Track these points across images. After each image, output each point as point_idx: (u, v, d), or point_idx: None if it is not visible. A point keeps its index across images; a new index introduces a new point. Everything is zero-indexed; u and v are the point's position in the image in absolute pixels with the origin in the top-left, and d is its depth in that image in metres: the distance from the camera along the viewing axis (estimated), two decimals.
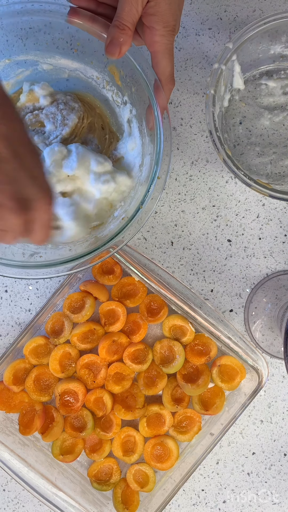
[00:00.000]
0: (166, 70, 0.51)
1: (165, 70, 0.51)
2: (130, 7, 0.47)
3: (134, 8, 0.47)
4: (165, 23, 0.48)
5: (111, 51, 0.48)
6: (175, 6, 0.49)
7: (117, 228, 0.51)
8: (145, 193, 0.50)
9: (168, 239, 0.66)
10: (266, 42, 0.59)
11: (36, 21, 0.53)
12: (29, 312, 0.66)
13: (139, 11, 0.47)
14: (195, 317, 0.61)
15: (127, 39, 0.48)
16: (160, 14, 0.48)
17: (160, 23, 0.48)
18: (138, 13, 0.47)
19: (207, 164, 0.66)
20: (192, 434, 0.63)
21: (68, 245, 0.55)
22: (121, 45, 0.48)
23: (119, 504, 0.62)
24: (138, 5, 0.47)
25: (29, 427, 0.62)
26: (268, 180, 0.63)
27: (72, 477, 0.64)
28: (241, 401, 0.61)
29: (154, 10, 0.48)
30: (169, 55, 0.50)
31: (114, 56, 0.48)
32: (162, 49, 0.50)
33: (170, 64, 0.51)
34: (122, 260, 0.62)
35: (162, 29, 0.49)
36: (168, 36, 0.49)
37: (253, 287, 0.65)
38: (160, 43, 0.49)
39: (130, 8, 0.47)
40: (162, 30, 0.49)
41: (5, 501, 0.66)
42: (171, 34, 0.49)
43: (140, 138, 0.56)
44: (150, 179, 0.50)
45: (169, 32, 0.49)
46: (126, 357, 0.62)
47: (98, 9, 0.51)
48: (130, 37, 0.48)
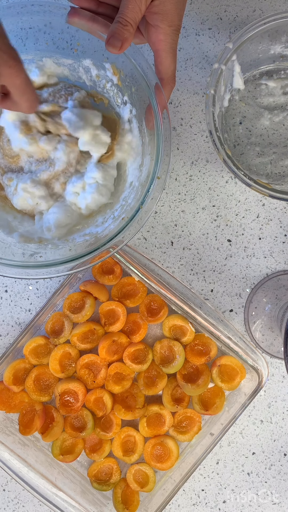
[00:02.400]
0: (169, 69, 0.51)
1: (168, 69, 0.51)
2: (134, 5, 0.46)
3: (138, 6, 0.47)
4: (170, 22, 0.48)
5: (113, 44, 0.47)
6: (180, 5, 0.49)
7: (117, 228, 0.51)
8: (145, 193, 0.50)
9: (168, 239, 0.66)
10: (266, 42, 0.59)
11: (36, 21, 0.53)
12: (29, 312, 0.66)
13: (143, 10, 0.47)
14: (195, 317, 0.61)
15: (129, 35, 0.47)
16: (166, 13, 0.48)
17: (165, 21, 0.48)
18: (141, 11, 0.47)
19: (207, 164, 0.66)
20: (192, 434, 0.63)
21: (68, 246, 0.55)
22: (123, 40, 0.47)
23: (119, 504, 0.62)
24: (141, 4, 0.47)
25: (29, 427, 0.62)
26: (268, 180, 0.63)
27: (72, 477, 0.64)
28: (241, 401, 0.61)
29: (159, 8, 0.48)
30: (173, 54, 0.50)
31: (115, 50, 0.47)
32: (167, 47, 0.50)
33: (173, 63, 0.51)
34: (122, 260, 0.62)
35: (167, 27, 0.49)
36: (173, 35, 0.49)
37: (253, 287, 0.65)
38: (164, 41, 0.49)
39: (134, 6, 0.46)
40: (167, 29, 0.49)
41: (5, 501, 0.66)
42: (175, 33, 0.49)
43: (140, 138, 0.56)
44: (150, 179, 0.50)
45: (174, 31, 0.49)
46: (126, 357, 0.62)
47: (99, 9, 0.51)
48: (132, 34, 0.48)
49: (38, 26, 0.54)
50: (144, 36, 0.53)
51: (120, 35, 0.47)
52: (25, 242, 0.56)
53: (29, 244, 0.56)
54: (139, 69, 0.51)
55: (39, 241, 0.56)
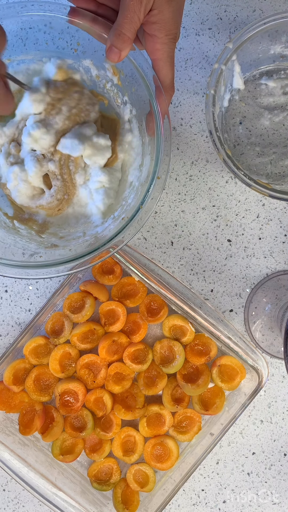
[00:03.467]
0: (167, 78, 0.51)
1: (166, 78, 0.51)
2: (132, 15, 0.46)
3: (136, 15, 0.46)
4: (167, 31, 0.48)
5: (110, 58, 0.49)
6: (177, 14, 0.49)
7: (117, 228, 0.51)
8: (145, 193, 0.50)
9: (168, 239, 0.66)
10: (266, 42, 0.59)
11: (36, 21, 0.53)
12: (29, 312, 0.66)
13: (141, 19, 0.47)
14: (195, 317, 0.61)
15: (126, 47, 0.48)
16: (163, 22, 0.48)
17: (162, 31, 0.48)
18: (140, 20, 0.47)
19: (207, 164, 0.66)
20: (192, 434, 0.63)
21: (69, 246, 0.55)
22: (120, 52, 0.48)
23: (119, 504, 0.62)
24: (140, 13, 0.46)
25: (29, 427, 0.62)
26: (268, 180, 0.63)
27: (72, 477, 0.64)
28: (241, 401, 0.61)
29: (157, 18, 0.48)
30: (170, 63, 0.51)
31: (113, 62, 0.49)
32: (164, 57, 0.50)
33: (171, 72, 0.51)
34: (122, 260, 0.62)
35: (164, 37, 0.49)
36: (170, 44, 0.49)
37: (253, 287, 0.65)
38: (162, 51, 0.49)
39: (132, 15, 0.46)
40: (164, 38, 0.49)
41: (5, 501, 0.66)
42: (172, 42, 0.49)
43: (140, 138, 0.56)
44: (150, 179, 0.50)
45: (171, 40, 0.49)
46: (126, 357, 0.62)
47: (98, 11, 0.51)
48: (130, 44, 0.48)
49: (38, 26, 0.54)
50: (142, 43, 0.53)
51: (117, 47, 0.47)
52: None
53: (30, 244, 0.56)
54: (140, 70, 0.51)
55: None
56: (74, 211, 0.58)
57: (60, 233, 0.58)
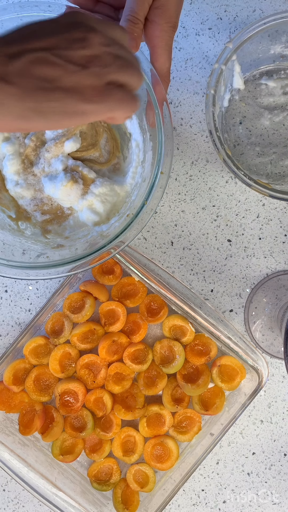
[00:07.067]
0: (164, 66, 0.51)
1: (163, 66, 0.50)
2: (143, 1, 0.46)
3: (146, 1, 0.46)
4: (167, 18, 0.48)
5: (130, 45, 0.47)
6: (180, 2, 0.49)
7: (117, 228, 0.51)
8: (149, 189, 0.50)
9: (168, 239, 0.66)
10: (266, 42, 0.59)
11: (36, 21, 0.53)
12: (29, 312, 0.66)
13: (150, 4, 0.47)
14: (195, 317, 0.61)
15: (140, 33, 0.47)
16: (166, 7, 0.48)
17: (163, 17, 0.48)
18: (149, 6, 0.47)
19: (207, 164, 0.66)
20: (192, 434, 0.63)
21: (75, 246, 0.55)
22: (137, 39, 0.47)
23: (119, 504, 0.62)
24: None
25: (29, 427, 0.62)
26: (268, 180, 0.63)
27: (72, 477, 0.64)
28: (241, 401, 0.61)
29: (160, 3, 0.47)
30: (168, 51, 0.50)
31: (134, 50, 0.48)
32: (163, 44, 0.49)
33: (168, 60, 0.50)
34: (122, 260, 0.62)
35: (164, 24, 0.48)
36: (169, 32, 0.49)
37: (253, 287, 0.65)
38: (161, 38, 0.49)
39: (143, 1, 0.46)
40: (164, 25, 0.48)
41: (5, 501, 0.66)
42: (172, 30, 0.49)
43: (141, 134, 0.56)
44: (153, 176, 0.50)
45: (171, 28, 0.49)
46: (126, 357, 0.62)
47: (96, 8, 0.51)
48: (142, 31, 0.48)
49: None
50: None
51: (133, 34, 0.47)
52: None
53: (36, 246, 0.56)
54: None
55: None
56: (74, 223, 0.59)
57: (65, 234, 0.58)
